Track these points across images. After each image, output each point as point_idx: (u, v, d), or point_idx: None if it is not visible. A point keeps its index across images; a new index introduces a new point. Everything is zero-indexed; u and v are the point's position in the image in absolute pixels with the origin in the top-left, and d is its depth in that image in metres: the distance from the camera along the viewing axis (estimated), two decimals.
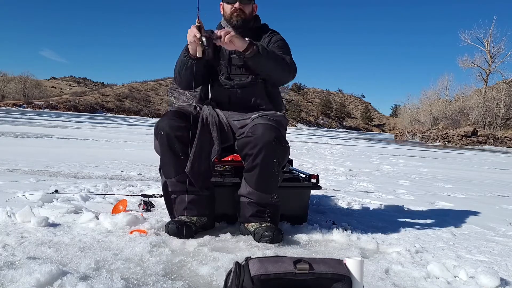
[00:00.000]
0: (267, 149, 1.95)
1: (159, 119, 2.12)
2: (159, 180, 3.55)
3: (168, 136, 2.01)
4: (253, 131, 1.99)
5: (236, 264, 1.20)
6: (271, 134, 1.96)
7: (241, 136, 2.06)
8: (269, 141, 1.95)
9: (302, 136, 22.01)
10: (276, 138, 1.97)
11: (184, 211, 2.05)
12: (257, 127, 1.99)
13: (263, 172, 1.99)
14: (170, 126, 2.02)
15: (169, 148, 2.02)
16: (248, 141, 1.99)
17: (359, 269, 1.21)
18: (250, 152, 1.98)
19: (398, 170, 6.78)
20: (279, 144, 1.98)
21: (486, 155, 16.66)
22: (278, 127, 2.03)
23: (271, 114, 2.14)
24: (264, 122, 2.01)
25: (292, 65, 2.19)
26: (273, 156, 1.98)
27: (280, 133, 2.02)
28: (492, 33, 38.85)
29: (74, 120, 26.19)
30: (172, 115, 2.06)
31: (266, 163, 1.98)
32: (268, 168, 1.99)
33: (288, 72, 2.18)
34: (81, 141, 9.03)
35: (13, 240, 1.73)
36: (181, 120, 2.04)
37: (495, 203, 3.89)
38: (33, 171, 3.91)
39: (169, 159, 2.04)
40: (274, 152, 1.98)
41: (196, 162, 2.02)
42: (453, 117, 42.34)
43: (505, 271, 1.79)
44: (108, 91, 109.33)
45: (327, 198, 3.39)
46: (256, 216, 2.05)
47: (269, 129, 1.97)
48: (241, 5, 2.20)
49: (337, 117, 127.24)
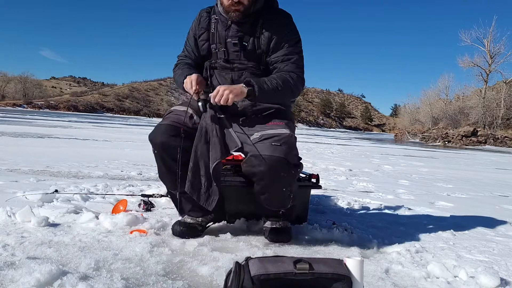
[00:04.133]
0: (274, 183, 1.86)
1: (151, 131, 1.99)
2: (159, 180, 3.53)
3: (162, 156, 1.95)
4: (257, 164, 1.82)
5: (236, 264, 1.20)
6: (278, 169, 1.81)
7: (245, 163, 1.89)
8: (276, 176, 1.83)
9: (302, 136, 21.99)
10: (284, 172, 1.83)
11: (190, 212, 2.06)
12: (261, 160, 1.80)
13: (273, 198, 1.94)
14: (164, 147, 1.92)
15: (165, 166, 1.98)
16: (253, 173, 1.86)
17: (359, 269, 1.21)
18: (258, 182, 1.89)
19: (398, 170, 6.77)
20: (288, 174, 1.86)
21: (486, 155, 16.65)
22: (285, 156, 1.82)
23: (275, 135, 1.88)
24: (269, 154, 1.80)
25: (297, 84, 1.98)
26: (282, 187, 1.90)
27: (288, 162, 1.84)
28: (492, 33, 38.93)
29: (74, 120, 26.18)
30: (165, 131, 1.93)
31: (276, 192, 1.91)
32: (279, 195, 1.93)
33: (292, 94, 2.02)
34: (81, 141, 9.03)
35: (13, 240, 1.73)
36: (176, 139, 1.91)
37: (495, 203, 3.88)
38: (33, 171, 3.91)
39: (166, 175, 2.01)
40: (284, 183, 1.89)
41: (196, 179, 1.93)
42: (453, 117, 42.35)
43: (505, 271, 1.79)
44: (108, 91, 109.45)
45: (327, 198, 3.39)
46: (270, 215, 2.05)
47: (276, 161, 1.80)
48: None
49: (337, 117, 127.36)
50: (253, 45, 1.99)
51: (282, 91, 1.92)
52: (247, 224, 2.25)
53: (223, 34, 2.01)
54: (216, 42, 2.03)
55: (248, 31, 1.99)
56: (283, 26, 2.01)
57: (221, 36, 2.02)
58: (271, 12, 2.03)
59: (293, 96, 2.10)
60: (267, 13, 2.00)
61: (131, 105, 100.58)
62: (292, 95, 2.04)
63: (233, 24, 1.98)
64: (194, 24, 2.11)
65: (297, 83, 1.98)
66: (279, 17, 2.03)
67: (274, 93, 1.91)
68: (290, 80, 1.95)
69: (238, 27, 1.99)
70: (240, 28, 1.99)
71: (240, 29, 1.99)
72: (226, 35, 2.00)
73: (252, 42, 1.99)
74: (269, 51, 2.00)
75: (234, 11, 1.92)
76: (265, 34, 1.98)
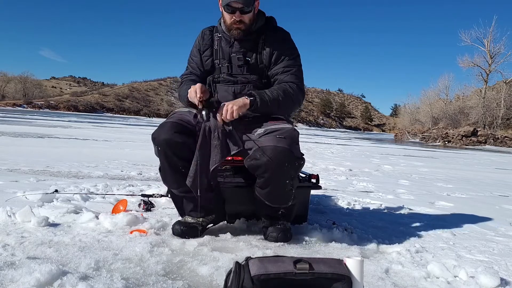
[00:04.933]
0: (278, 175, 1.87)
1: (156, 128, 2.01)
2: (159, 180, 3.55)
3: (166, 153, 1.95)
4: (261, 155, 1.85)
5: (236, 264, 1.20)
6: (282, 159, 1.84)
7: (248, 158, 1.92)
8: (280, 167, 1.84)
9: (302, 136, 21.92)
10: (288, 162, 1.85)
11: (191, 212, 2.07)
12: (266, 150, 1.84)
13: (275, 192, 1.95)
14: (168, 143, 1.93)
15: (168, 163, 1.98)
16: (257, 166, 1.88)
17: (359, 269, 1.21)
18: (261, 175, 1.90)
19: (398, 170, 6.78)
20: (291, 166, 1.88)
21: (486, 155, 16.65)
22: (289, 147, 1.87)
23: (279, 129, 1.95)
24: (273, 144, 1.85)
25: (297, 94, 2.05)
26: (285, 179, 1.91)
27: (292, 154, 1.87)
28: (492, 33, 38.88)
29: (74, 120, 26.19)
30: (170, 129, 1.95)
31: (278, 186, 1.92)
32: (281, 189, 1.94)
33: (293, 104, 2.07)
34: (81, 141, 9.03)
35: (13, 240, 1.73)
36: (180, 135, 1.94)
37: (495, 203, 3.89)
38: (33, 171, 3.91)
39: (169, 172, 2.01)
40: (287, 175, 1.90)
41: (198, 177, 1.93)
42: (453, 117, 42.34)
43: (505, 271, 1.79)
44: (108, 91, 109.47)
45: (327, 198, 3.40)
46: (270, 215, 2.06)
47: (280, 152, 1.83)
48: (241, 16, 2.00)
49: (337, 117, 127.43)
50: (255, 60, 2.10)
51: (282, 101, 2.01)
52: (247, 224, 2.25)
53: (227, 50, 2.12)
54: (220, 58, 2.13)
55: (250, 47, 2.10)
56: (283, 42, 2.14)
57: (225, 52, 2.12)
58: (271, 29, 2.15)
59: (294, 106, 2.13)
60: (267, 31, 2.13)
61: (131, 105, 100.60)
62: (292, 105, 2.09)
63: (236, 41, 2.09)
64: (197, 41, 2.22)
65: (297, 93, 2.06)
66: (279, 34, 2.16)
67: (275, 103, 1.99)
68: (290, 90, 2.04)
69: (240, 44, 2.10)
70: (242, 44, 2.09)
71: (243, 46, 2.10)
72: (230, 51, 2.11)
73: (255, 58, 2.10)
74: (270, 65, 2.11)
75: (236, 29, 2.03)
76: (266, 50, 2.09)
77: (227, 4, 1.98)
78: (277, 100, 1.99)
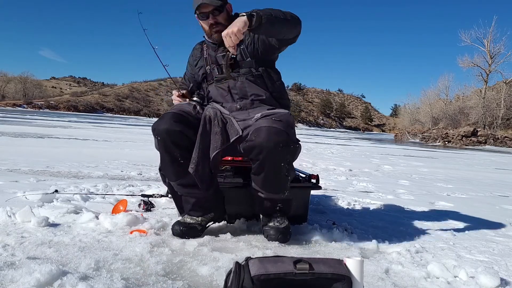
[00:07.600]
0: (273, 156, 1.85)
1: (156, 119, 2.05)
2: (159, 180, 3.55)
3: (165, 142, 1.96)
4: (256, 135, 1.86)
5: (236, 264, 1.20)
6: (276, 139, 1.84)
7: (245, 140, 1.94)
8: (275, 147, 1.83)
9: (302, 136, 21.97)
10: (283, 143, 1.85)
11: (190, 212, 2.08)
12: (261, 131, 1.86)
13: (271, 177, 1.93)
14: (168, 132, 1.94)
15: (168, 153, 1.98)
16: (252, 146, 1.88)
17: (359, 269, 1.21)
18: (256, 157, 1.89)
19: (398, 170, 6.78)
20: (286, 148, 1.87)
21: (486, 155, 16.65)
22: (284, 129, 1.89)
23: (275, 113, 1.99)
24: (268, 125, 1.88)
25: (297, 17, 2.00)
26: (280, 161, 1.89)
27: (287, 136, 1.89)
28: (492, 33, 38.90)
29: (74, 120, 26.19)
30: (170, 118, 1.98)
31: (273, 168, 1.90)
32: (276, 173, 1.92)
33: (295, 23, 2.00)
34: (81, 141, 9.03)
35: (13, 240, 1.73)
36: (179, 124, 1.96)
37: (495, 203, 3.89)
38: (33, 171, 3.91)
39: (168, 164, 2.01)
40: (282, 157, 1.88)
41: (200, 164, 1.96)
42: (453, 117, 42.34)
43: (505, 271, 1.79)
44: (108, 91, 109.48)
45: (327, 198, 3.40)
46: (267, 209, 2.06)
47: (274, 133, 1.85)
48: (214, 18, 2.08)
49: (337, 117, 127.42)
50: (241, 55, 2.15)
51: (283, 17, 1.93)
52: (247, 224, 2.25)
53: (213, 54, 2.21)
54: (210, 63, 2.23)
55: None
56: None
57: (212, 56, 2.22)
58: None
59: (296, 24, 2.02)
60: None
61: (131, 105, 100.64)
62: (294, 24, 2.01)
63: (219, 44, 2.15)
64: (189, 57, 2.39)
65: (296, 16, 2.01)
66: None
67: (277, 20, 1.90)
68: (289, 12, 2.00)
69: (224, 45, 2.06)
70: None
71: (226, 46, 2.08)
72: (215, 54, 2.20)
73: (239, 52, 2.14)
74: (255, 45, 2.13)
75: (216, 32, 2.11)
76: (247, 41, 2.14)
77: (199, 12, 2.09)
78: (277, 17, 1.90)
